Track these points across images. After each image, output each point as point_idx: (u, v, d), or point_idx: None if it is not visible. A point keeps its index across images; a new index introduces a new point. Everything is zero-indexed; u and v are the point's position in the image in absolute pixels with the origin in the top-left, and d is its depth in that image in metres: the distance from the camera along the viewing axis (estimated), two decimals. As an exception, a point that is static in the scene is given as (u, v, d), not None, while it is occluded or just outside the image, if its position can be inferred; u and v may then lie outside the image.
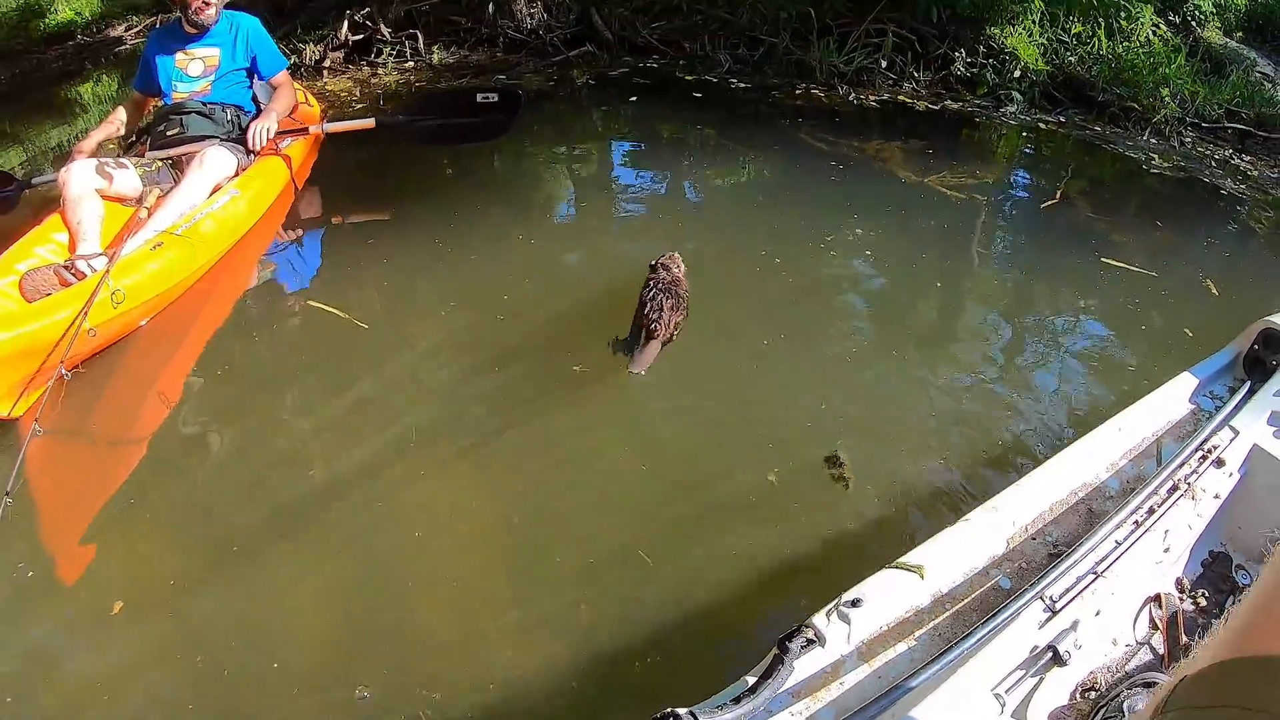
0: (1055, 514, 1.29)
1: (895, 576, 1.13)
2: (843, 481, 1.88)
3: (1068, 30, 5.74)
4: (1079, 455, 1.37)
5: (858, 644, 1.05)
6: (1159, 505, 1.28)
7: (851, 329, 2.56)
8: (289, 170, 3.27)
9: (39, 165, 4.75)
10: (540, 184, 3.72)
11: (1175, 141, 5.00)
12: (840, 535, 1.75)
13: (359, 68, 5.15)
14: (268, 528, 1.79)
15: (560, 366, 2.24)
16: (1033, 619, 1.10)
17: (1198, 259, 3.22)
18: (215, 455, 2.02)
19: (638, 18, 5.23)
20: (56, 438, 2.06)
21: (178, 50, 3.03)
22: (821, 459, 1.94)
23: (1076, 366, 2.43)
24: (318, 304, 2.59)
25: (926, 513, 1.82)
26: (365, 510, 1.82)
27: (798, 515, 1.80)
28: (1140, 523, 1.25)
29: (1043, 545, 1.24)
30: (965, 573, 1.17)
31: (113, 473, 1.98)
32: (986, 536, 1.22)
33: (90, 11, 7.78)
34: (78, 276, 2.34)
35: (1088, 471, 1.36)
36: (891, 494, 1.87)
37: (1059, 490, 1.32)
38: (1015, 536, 1.24)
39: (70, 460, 2.06)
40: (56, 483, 1.99)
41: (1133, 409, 1.47)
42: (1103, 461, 1.38)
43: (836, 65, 4.98)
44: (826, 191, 3.60)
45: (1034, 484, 1.30)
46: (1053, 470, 1.33)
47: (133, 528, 1.80)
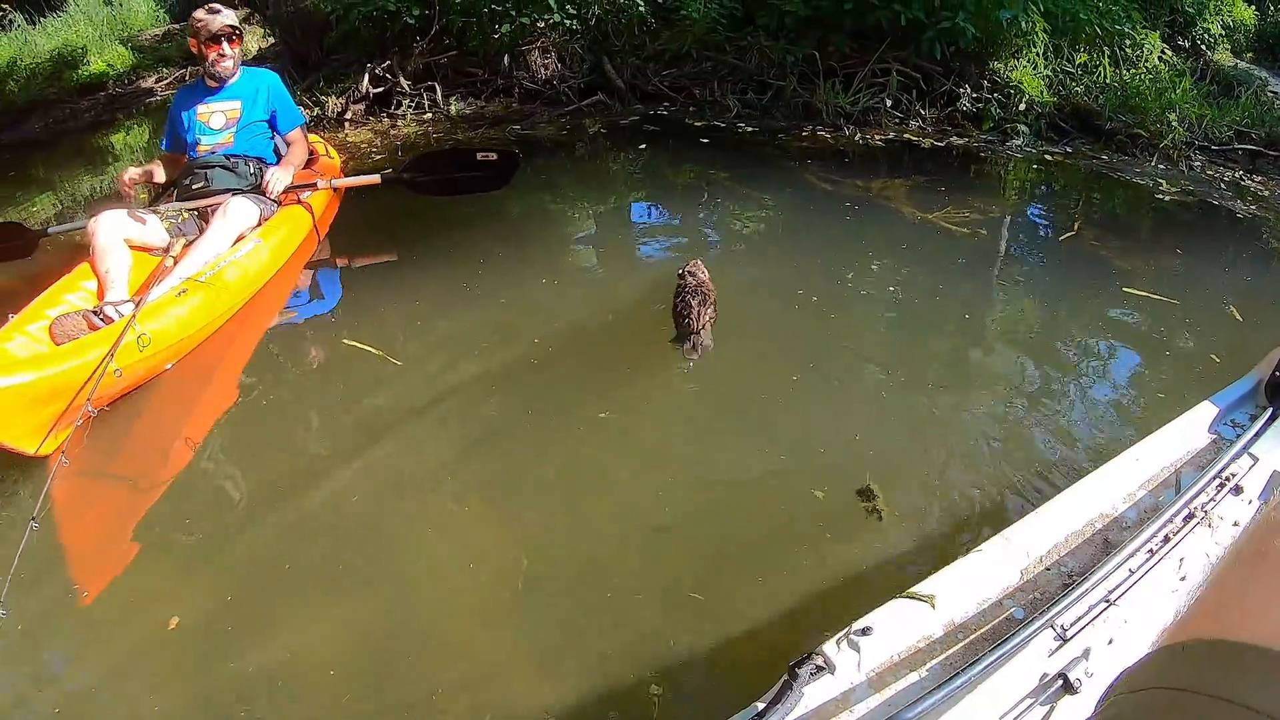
0: (1070, 545, 1.28)
1: (906, 606, 1.12)
2: (876, 514, 1.89)
3: (1072, 60, 5.80)
4: (1095, 486, 1.36)
5: (868, 672, 1.05)
6: (1174, 533, 1.26)
7: (878, 362, 2.59)
8: (311, 219, 3.37)
9: (71, 211, 4.89)
10: (560, 231, 3.79)
11: (1184, 166, 5.04)
12: (873, 566, 1.76)
13: (379, 119, 5.33)
14: (292, 563, 1.81)
15: (590, 406, 2.29)
16: (1043, 647, 1.09)
17: (1219, 285, 3.23)
18: (236, 492, 2.06)
19: (648, 65, 5.40)
20: (82, 473, 2.11)
21: (200, 104, 3.15)
22: (854, 490, 1.96)
23: (1106, 396, 2.44)
24: (352, 342, 2.66)
25: (955, 542, 1.82)
26: (392, 548, 1.85)
27: (829, 545, 1.81)
28: (1155, 551, 1.23)
29: (1057, 575, 1.23)
30: (978, 603, 1.17)
31: (135, 507, 2.03)
32: (1000, 566, 1.21)
33: (122, 63, 8.08)
34: (106, 322, 2.43)
35: (1104, 502, 1.35)
36: (923, 525, 1.87)
37: (1075, 521, 1.31)
38: (1029, 567, 1.24)
39: (94, 494, 2.12)
40: (79, 516, 2.04)
41: (1151, 439, 1.46)
42: (1120, 492, 1.37)
43: (842, 106, 5.08)
44: (842, 230, 3.66)
45: (1049, 514, 1.30)
46: (1068, 501, 1.33)
47: (153, 562, 1.84)
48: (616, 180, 4.51)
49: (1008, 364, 2.62)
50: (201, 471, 2.14)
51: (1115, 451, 1.44)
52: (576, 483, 2.05)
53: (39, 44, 8.57)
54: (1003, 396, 2.40)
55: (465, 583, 1.76)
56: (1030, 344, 2.78)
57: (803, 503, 1.95)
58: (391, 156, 4.76)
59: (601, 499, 1.99)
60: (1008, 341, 2.80)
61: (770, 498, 1.98)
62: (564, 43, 5.40)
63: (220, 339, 2.74)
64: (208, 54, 3.09)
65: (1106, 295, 3.08)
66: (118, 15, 8.64)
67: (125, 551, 1.88)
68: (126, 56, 8.12)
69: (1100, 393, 2.45)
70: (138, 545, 1.90)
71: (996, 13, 5.22)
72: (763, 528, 1.89)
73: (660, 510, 1.93)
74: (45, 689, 1.53)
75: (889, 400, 2.37)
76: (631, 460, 2.12)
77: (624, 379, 2.45)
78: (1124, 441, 2.09)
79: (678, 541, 1.85)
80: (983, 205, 4.07)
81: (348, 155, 4.70)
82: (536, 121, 5.11)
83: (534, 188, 4.10)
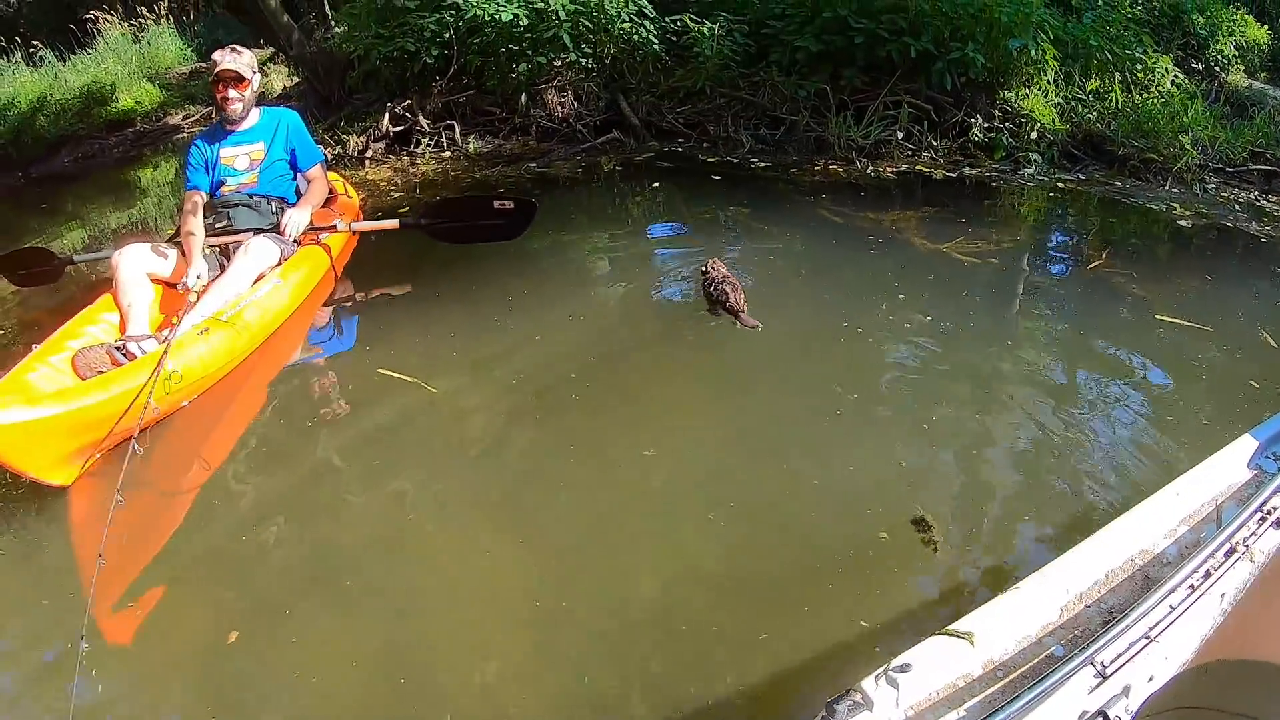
0: (1111, 581, 1.28)
1: (945, 643, 1.13)
2: (932, 545, 1.89)
3: (1084, 87, 5.83)
4: (1136, 522, 1.36)
5: (906, 710, 1.06)
6: (1215, 569, 1.26)
7: (919, 392, 2.61)
8: (329, 259, 3.43)
9: (99, 244, 4.97)
10: (581, 268, 3.84)
11: (1198, 189, 5.05)
12: (921, 599, 1.76)
13: (399, 157, 5.45)
14: (314, 592, 1.84)
15: (624, 440, 2.34)
16: (1083, 684, 1.08)
17: (1251, 311, 3.23)
18: (258, 520, 2.10)
19: (663, 103, 5.50)
20: (99, 509, 2.10)
21: (224, 147, 3.22)
22: (907, 520, 1.96)
23: (1148, 424, 2.44)
24: (387, 371, 2.71)
25: (1001, 575, 1.82)
26: (417, 576, 1.88)
27: (880, 576, 1.82)
28: (1196, 586, 1.22)
29: (1097, 613, 1.23)
30: (1017, 640, 1.17)
31: (154, 544, 2.06)
32: (1039, 604, 1.21)
33: (149, 100, 8.31)
34: (129, 357, 2.48)
35: (1145, 538, 1.34)
36: (972, 557, 1.88)
37: (1115, 557, 1.30)
38: (1069, 604, 1.23)
39: (112, 532, 2.12)
40: (96, 553, 2.06)
41: (1191, 474, 1.46)
42: (1160, 528, 1.37)
43: (854, 139, 5.15)
44: (863, 263, 3.69)
45: (1089, 551, 1.30)
46: (1108, 537, 1.33)
47: (170, 600, 1.88)
48: (634, 217, 4.58)
49: (1045, 394, 2.62)
50: (224, 502, 2.18)
51: (1159, 482, 1.45)
52: (610, 515, 2.07)
53: (69, 80, 8.83)
54: (1043, 426, 2.40)
55: (500, 616, 1.78)
56: (1067, 373, 2.78)
57: (848, 535, 1.95)
58: (410, 195, 4.86)
59: (636, 531, 2.01)
60: (1043, 371, 2.80)
61: (810, 529, 1.99)
62: (580, 81, 5.52)
63: (238, 375, 2.78)
64: (216, 95, 3.18)
65: (1140, 323, 3.09)
66: (146, 53, 8.90)
67: (138, 587, 1.92)
68: (154, 94, 8.36)
69: (1142, 421, 2.46)
70: (152, 582, 1.93)
71: (1006, 42, 5.29)
72: (804, 560, 1.89)
73: (698, 542, 1.95)
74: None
75: (930, 430, 2.38)
76: (668, 492, 2.15)
77: (658, 413, 2.50)
78: (1168, 468, 2.14)
79: (715, 574, 1.86)
80: (999, 235, 4.10)
81: (367, 193, 4.81)
82: (553, 160, 5.21)
83: (554, 225, 4.16)
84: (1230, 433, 1.57)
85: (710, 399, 2.63)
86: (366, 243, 3.78)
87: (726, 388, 2.69)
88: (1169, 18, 7.32)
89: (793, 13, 5.55)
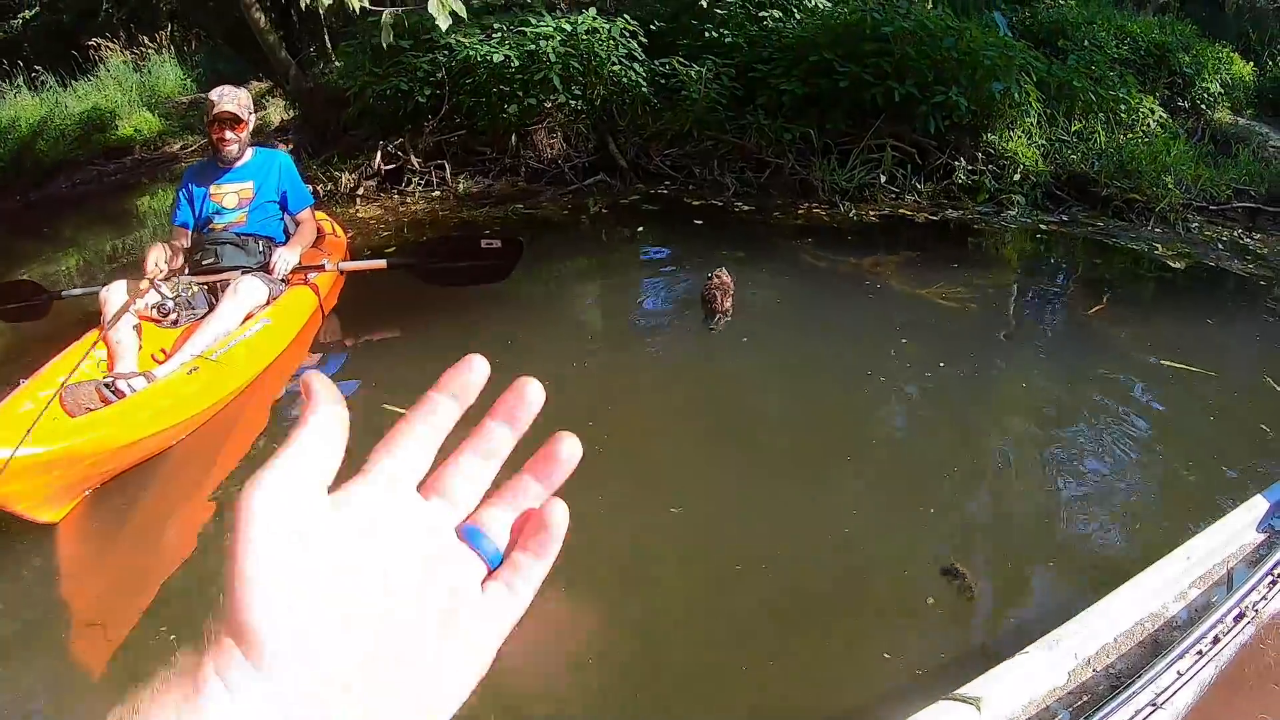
0: (1120, 646, 1.26)
1: (951, 708, 1.12)
2: (968, 592, 1.88)
3: (1068, 128, 5.91)
4: (1145, 585, 1.34)
5: None
6: (1225, 633, 1.23)
7: (929, 441, 2.63)
8: (317, 299, 3.45)
9: (95, 269, 5.07)
10: (570, 312, 3.88)
11: (1181, 228, 5.11)
12: (933, 657, 1.75)
13: (390, 196, 5.52)
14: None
15: (645, 493, 2.35)
16: None
17: (1253, 354, 3.29)
18: None
19: (651, 145, 5.58)
20: (86, 545, 2.18)
21: (213, 184, 3.23)
22: (937, 571, 1.96)
23: (1161, 471, 2.46)
24: (392, 408, 2.69)
25: (1016, 632, 1.80)
26: None
27: (914, 627, 1.82)
28: (1204, 652, 1.20)
29: (1105, 678, 1.22)
30: (1024, 706, 1.16)
31: (143, 582, 2.06)
32: (1047, 669, 1.20)
33: (149, 129, 8.39)
34: (118, 395, 2.47)
35: (1154, 601, 1.33)
36: (1009, 604, 1.89)
37: (1124, 621, 1.29)
38: (1077, 669, 1.22)
39: (98, 567, 2.18)
40: (85, 591, 2.09)
41: (1203, 535, 1.45)
42: (1171, 591, 1.35)
43: (838, 183, 5.22)
44: (847, 308, 3.73)
45: (1098, 615, 1.28)
46: (1117, 601, 1.31)
47: (157, 638, 1.87)
48: (622, 261, 4.64)
49: (1052, 442, 2.62)
50: (208, 547, 2.17)
51: (1174, 533, 1.47)
52: (628, 568, 2.07)
53: (70, 106, 8.92)
54: (1054, 476, 2.40)
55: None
56: (1072, 420, 2.77)
57: (876, 581, 1.97)
58: (398, 234, 4.91)
59: (656, 584, 2.02)
60: (1050, 418, 2.79)
61: (844, 574, 2.00)
62: (569, 123, 5.60)
63: (227, 415, 2.79)
64: (212, 135, 3.21)
65: (1145, 369, 3.11)
66: (146, 81, 8.99)
67: (126, 624, 1.92)
68: (154, 122, 8.44)
69: (1156, 469, 2.47)
70: (139, 620, 1.93)
71: (989, 85, 5.37)
72: (820, 612, 1.90)
73: (719, 596, 1.94)
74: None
75: (948, 480, 2.38)
76: (694, 547, 2.14)
77: (671, 461, 2.52)
78: (1183, 517, 2.12)
79: (738, 627, 1.85)
80: (981, 279, 4.14)
81: (356, 231, 4.85)
82: (540, 201, 5.29)
83: (543, 267, 4.21)
84: (1244, 479, 1.59)
85: (708, 443, 2.65)
86: (354, 283, 3.82)
87: (726, 435, 2.71)
88: (1155, 57, 7.42)
89: (779, 56, 5.63)
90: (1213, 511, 1.65)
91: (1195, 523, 1.52)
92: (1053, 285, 4.36)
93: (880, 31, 5.39)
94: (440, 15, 2.25)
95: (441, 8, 2.26)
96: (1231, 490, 1.72)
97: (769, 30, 5.90)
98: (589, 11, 5.81)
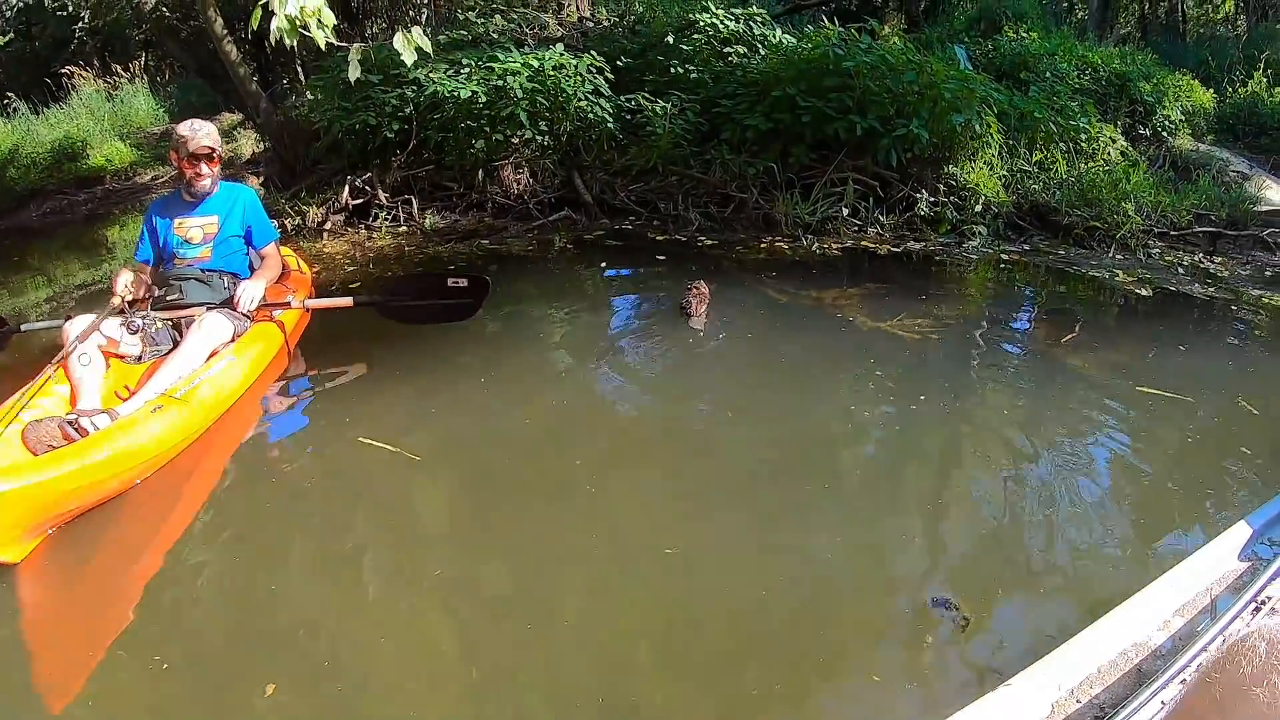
0: (1105, 677, 1.25)
1: None
2: (963, 622, 1.87)
3: (1029, 159, 6.01)
4: (1129, 614, 1.34)
5: None
6: (1209, 662, 1.23)
7: (899, 473, 2.63)
8: (283, 336, 3.43)
9: (61, 303, 5.01)
10: (544, 349, 3.87)
11: (1141, 254, 5.19)
12: (918, 686, 1.75)
13: (357, 230, 5.54)
14: (271, 672, 1.83)
15: (640, 536, 2.32)
16: None
17: (1224, 378, 3.30)
18: (209, 606, 2.08)
19: (617, 180, 5.63)
20: (49, 588, 2.15)
21: (178, 219, 3.20)
22: (926, 601, 1.95)
23: (1150, 497, 2.45)
24: (371, 440, 2.73)
25: (998, 662, 1.79)
26: (375, 670, 1.85)
27: (895, 659, 1.82)
28: (1188, 681, 1.20)
29: (1089, 709, 1.21)
30: None
31: (106, 623, 2.03)
32: (1030, 701, 1.19)
33: (120, 159, 8.39)
34: (81, 433, 2.44)
35: (1138, 630, 1.32)
36: (993, 634, 1.88)
37: (1108, 651, 1.28)
38: (1061, 700, 1.21)
39: (60, 610, 2.14)
40: (48, 632, 2.06)
41: (1186, 562, 1.46)
42: (1154, 620, 1.35)
43: (801, 216, 5.28)
44: (807, 341, 3.75)
45: (1081, 645, 1.28)
46: (1101, 630, 1.31)
47: (122, 679, 1.85)
48: (586, 296, 4.63)
49: (1026, 472, 2.61)
50: (173, 586, 2.16)
51: (1160, 560, 1.48)
52: (600, 606, 2.05)
53: (41, 133, 8.91)
54: (1035, 505, 2.38)
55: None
56: (1051, 448, 2.76)
57: (866, 613, 1.97)
58: (363, 269, 4.91)
59: (649, 608, 2.01)
60: (1029, 447, 2.77)
61: (828, 606, 1.99)
62: (536, 158, 5.65)
63: (192, 453, 2.76)
64: (186, 170, 3.17)
65: (1123, 396, 3.12)
66: (119, 111, 9.00)
67: (88, 666, 1.89)
68: (125, 152, 8.44)
69: (1137, 494, 2.46)
70: (103, 662, 1.90)
71: (950, 117, 5.45)
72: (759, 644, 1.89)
73: (699, 638, 1.93)
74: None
75: (927, 513, 2.39)
76: (678, 581, 2.12)
77: (638, 497, 2.50)
78: (1167, 544, 2.14)
79: (717, 666, 1.84)
80: (952, 310, 4.18)
81: (322, 266, 4.85)
82: (506, 237, 5.32)
83: (510, 304, 4.21)
84: (1227, 502, 1.59)
85: (674, 478, 2.64)
86: (321, 319, 3.81)
87: (692, 471, 2.70)
88: (1116, 86, 7.58)
89: (743, 92, 5.72)
90: (1197, 536, 1.64)
91: (1180, 548, 1.54)
92: (1016, 314, 4.40)
93: (842, 66, 5.49)
94: (406, 51, 2.27)
95: (407, 43, 2.29)
96: (1214, 513, 1.71)
97: (734, 66, 6.00)
98: (557, 48, 5.88)
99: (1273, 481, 2.41)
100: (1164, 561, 1.51)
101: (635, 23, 7.11)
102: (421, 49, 2.30)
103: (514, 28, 6.87)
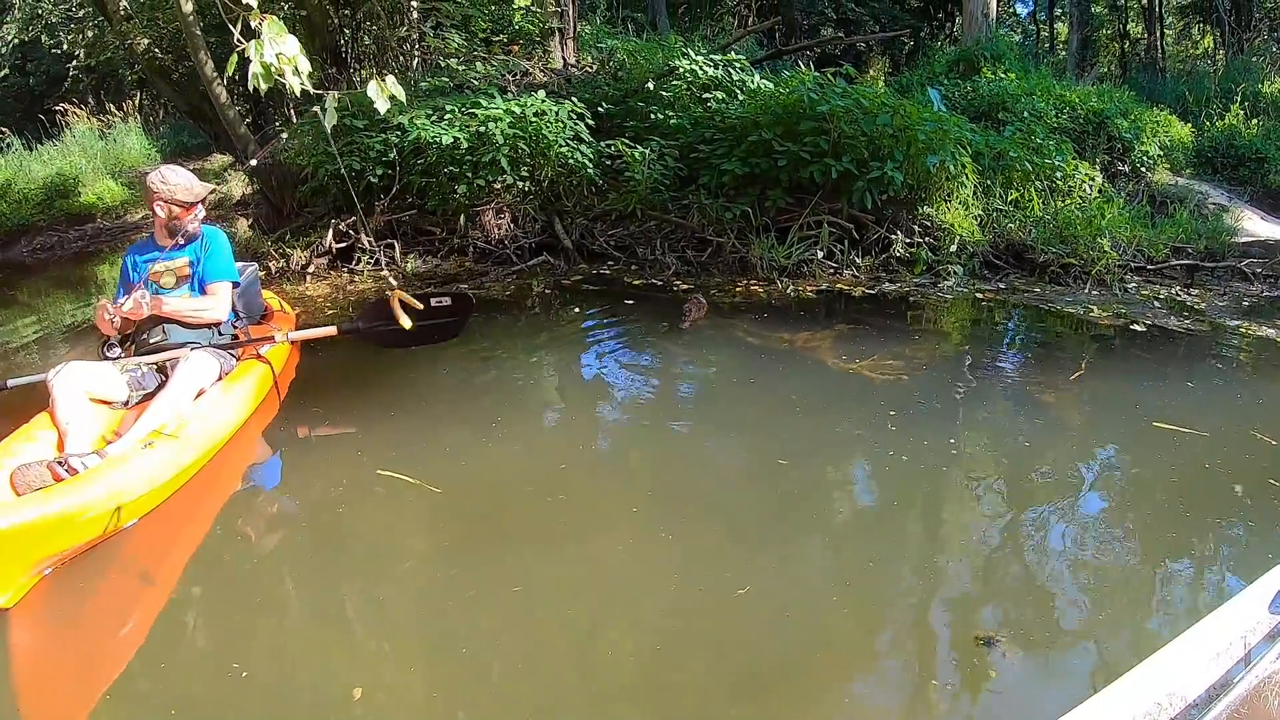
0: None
1: None
2: (998, 662, 1.86)
3: (1005, 197, 6.10)
4: (1162, 664, 1.31)
5: None
6: (1244, 713, 1.21)
7: (895, 517, 2.62)
8: (272, 372, 3.42)
9: (52, 342, 5.05)
10: (529, 392, 3.87)
11: (1118, 289, 5.24)
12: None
13: (340, 274, 5.62)
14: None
15: (634, 573, 2.31)
16: None
17: (1235, 411, 3.30)
18: (203, 649, 2.07)
19: (596, 225, 5.72)
20: (45, 631, 2.13)
21: (151, 261, 3.23)
22: (971, 638, 1.94)
23: (1182, 535, 2.41)
24: (388, 471, 2.74)
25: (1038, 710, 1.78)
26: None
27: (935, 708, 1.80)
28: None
29: None
30: None
31: (99, 669, 2.00)
32: None
33: (111, 197, 8.48)
34: (70, 472, 2.39)
35: (1172, 681, 1.28)
36: (1022, 683, 1.85)
37: (1142, 702, 1.25)
38: None
39: (56, 655, 2.11)
40: (41, 678, 2.03)
41: (1219, 612, 1.43)
42: (1188, 670, 1.31)
43: (777, 260, 5.36)
44: (777, 385, 3.77)
45: (1113, 697, 1.25)
46: (1133, 681, 1.28)
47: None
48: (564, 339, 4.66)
49: (1052, 512, 2.58)
50: (167, 632, 2.13)
51: (1198, 604, 1.47)
52: (599, 650, 2.03)
53: (34, 170, 9.00)
54: (1069, 546, 2.37)
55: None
56: (1072, 486, 2.74)
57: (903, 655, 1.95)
58: (344, 312, 4.96)
59: (673, 649, 1.99)
60: (1052, 487, 2.75)
61: (854, 650, 1.97)
62: (517, 203, 5.74)
63: (186, 494, 2.73)
64: (156, 216, 3.21)
65: (1141, 432, 3.10)
66: (111, 149, 9.11)
67: (83, 710, 1.87)
68: (117, 191, 8.54)
69: (1167, 533, 2.43)
70: (94, 711, 1.88)
71: (924, 159, 5.53)
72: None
73: (722, 682, 1.90)
74: None
75: (954, 555, 2.37)
76: (692, 618, 2.11)
77: (616, 541, 2.48)
78: (1200, 587, 2.12)
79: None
80: (926, 350, 4.21)
81: (303, 309, 4.89)
82: (486, 282, 5.39)
83: (481, 345, 4.27)
84: (1261, 535, 1.58)
85: (651, 522, 2.61)
86: (308, 359, 3.83)
87: (663, 511, 2.68)
88: (1094, 124, 7.70)
89: (721, 137, 5.82)
90: (1232, 575, 1.63)
91: (1216, 590, 1.52)
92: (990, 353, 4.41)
93: (817, 110, 5.59)
94: (380, 99, 2.33)
95: (381, 91, 2.35)
96: (1250, 549, 1.69)
97: (713, 111, 6.11)
98: (539, 94, 5.99)
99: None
100: (1196, 605, 1.51)
101: (617, 69, 7.24)
102: (395, 97, 2.35)
103: (497, 74, 6.99)
